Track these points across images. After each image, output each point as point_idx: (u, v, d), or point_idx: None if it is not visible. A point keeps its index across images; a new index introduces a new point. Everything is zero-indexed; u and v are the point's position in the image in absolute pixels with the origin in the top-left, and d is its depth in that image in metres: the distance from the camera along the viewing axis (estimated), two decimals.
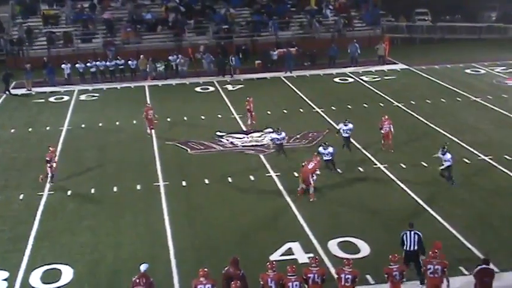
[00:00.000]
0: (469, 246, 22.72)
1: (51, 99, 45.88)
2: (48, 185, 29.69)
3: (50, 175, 29.86)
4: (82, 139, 36.58)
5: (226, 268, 18.93)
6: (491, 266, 19.04)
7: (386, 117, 32.73)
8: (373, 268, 20.75)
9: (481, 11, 69.99)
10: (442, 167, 27.72)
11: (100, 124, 39.15)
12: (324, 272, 18.75)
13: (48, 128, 38.73)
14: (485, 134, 35.02)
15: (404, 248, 20.37)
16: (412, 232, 20.38)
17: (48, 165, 29.67)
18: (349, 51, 53.04)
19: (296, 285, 18.06)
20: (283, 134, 32.02)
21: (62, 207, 27.64)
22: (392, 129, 32.27)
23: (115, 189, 29.19)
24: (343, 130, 31.93)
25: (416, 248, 20.22)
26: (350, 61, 52.80)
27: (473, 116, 38.06)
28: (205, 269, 18.30)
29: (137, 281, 18.60)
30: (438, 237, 22.46)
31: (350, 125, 31.95)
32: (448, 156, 27.43)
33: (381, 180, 28.73)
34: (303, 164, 27.52)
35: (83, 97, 46.08)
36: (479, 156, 31.50)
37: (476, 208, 26.03)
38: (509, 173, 29.28)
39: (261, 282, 18.28)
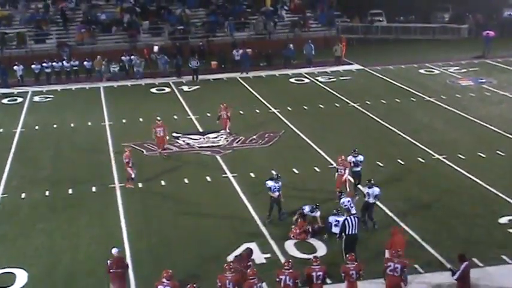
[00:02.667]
0: (424, 245, 22.95)
1: (4, 100, 45.21)
2: (1, 189, 29.36)
3: (132, 176, 29.23)
4: (36, 141, 36.15)
5: (238, 255, 20.07)
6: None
7: (343, 157, 27.38)
8: (330, 267, 20.80)
9: (434, 12, 70.83)
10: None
11: (54, 126, 38.71)
12: (296, 275, 18.53)
13: (1, 130, 38.17)
14: (440, 133, 35.40)
15: (347, 232, 21.34)
16: (352, 216, 21.81)
17: (128, 166, 29.14)
18: (304, 51, 53.20)
19: (259, 287, 18.04)
20: (280, 184, 25.25)
21: (16, 210, 27.27)
22: (347, 173, 27.02)
23: (70, 191, 28.88)
24: (353, 162, 27.35)
25: (357, 231, 21.55)
26: (306, 62, 52.96)
27: (427, 116, 38.44)
28: (169, 271, 18.26)
29: (112, 263, 19.43)
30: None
31: (360, 157, 27.46)
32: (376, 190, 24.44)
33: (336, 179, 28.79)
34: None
35: (36, 98, 45.52)
36: (433, 155, 31.83)
37: (431, 207, 26.29)
38: (463, 172, 29.65)
39: (219, 284, 18.21)
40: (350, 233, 21.40)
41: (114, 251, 20.03)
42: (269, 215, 25.20)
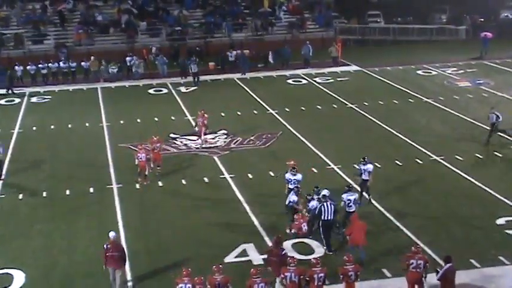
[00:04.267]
0: (422, 245, 22.90)
1: (2, 101, 45.20)
2: None
3: (145, 173, 29.59)
4: (34, 142, 36.12)
5: (270, 246, 20.94)
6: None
7: (292, 162, 26.76)
8: (327, 268, 20.81)
9: (432, 13, 70.94)
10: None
11: (52, 127, 38.68)
12: (301, 271, 18.70)
13: None
14: (437, 134, 35.40)
15: (323, 217, 22.48)
16: (329, 203, 22.63)
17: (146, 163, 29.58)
18: (302, 52, 53.19)
19: (262, 286, 18.00)
20: (300, 176, 25.55)
21: (13, 211, 27.24)
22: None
23: (67, 192, 28.85)
24: (363, 171, 26.42)
25: (333, 217, 22.56)
26: (303, 63, 52.95)
27: (425, 117, 38.45)
28: (189, 269, 18.35)
29: (109, 247, 20.08)
30: (391, 237, 22.79)
31: (369, 166, 26.51)
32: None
33: (334, 180, 28.80)
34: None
35: (34, 99, 45.49)
36: (431, 156, 31.84)
37: (428, 208, 26.28)
38: (460, 173, 29.66)
39: (208, 287, 18.22)
40: (326, 218, 22.47)
41: (112, 234, 20.50)
42: (289, 211, 25.05)
